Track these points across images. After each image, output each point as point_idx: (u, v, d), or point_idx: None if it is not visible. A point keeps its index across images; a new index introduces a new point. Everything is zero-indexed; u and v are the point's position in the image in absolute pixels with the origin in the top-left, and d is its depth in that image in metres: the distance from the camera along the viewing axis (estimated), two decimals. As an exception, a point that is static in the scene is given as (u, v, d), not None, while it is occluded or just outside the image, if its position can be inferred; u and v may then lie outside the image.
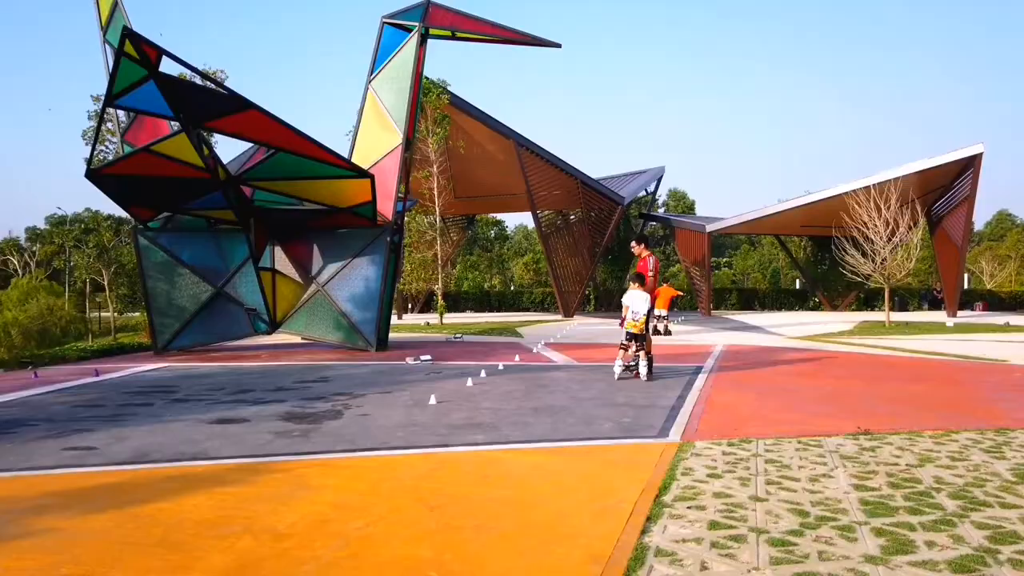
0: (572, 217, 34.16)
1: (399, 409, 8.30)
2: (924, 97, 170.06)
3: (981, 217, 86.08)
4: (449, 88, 26.03)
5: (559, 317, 31.58)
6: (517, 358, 13.85)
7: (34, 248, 64.32)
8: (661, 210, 66.95)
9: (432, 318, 27.64)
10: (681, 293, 32.24)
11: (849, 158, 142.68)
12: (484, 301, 42.64)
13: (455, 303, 42.16)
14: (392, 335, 21.80)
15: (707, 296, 35.30)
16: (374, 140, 16.11)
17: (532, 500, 4.97)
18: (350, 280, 15.77)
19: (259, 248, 15.40)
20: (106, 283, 31.35)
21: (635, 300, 10.54)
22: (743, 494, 4.98)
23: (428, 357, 13.42)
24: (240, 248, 15.56)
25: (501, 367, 12.31)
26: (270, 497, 5.04)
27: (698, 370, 11.98)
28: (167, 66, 11.33)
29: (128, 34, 10.65)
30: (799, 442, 6.66)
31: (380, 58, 16.43)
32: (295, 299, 16.19)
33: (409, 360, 13.16)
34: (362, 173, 13.99)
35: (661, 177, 41.71)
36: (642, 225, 44.82)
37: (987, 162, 29.52)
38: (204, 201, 14.44)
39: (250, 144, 16.22)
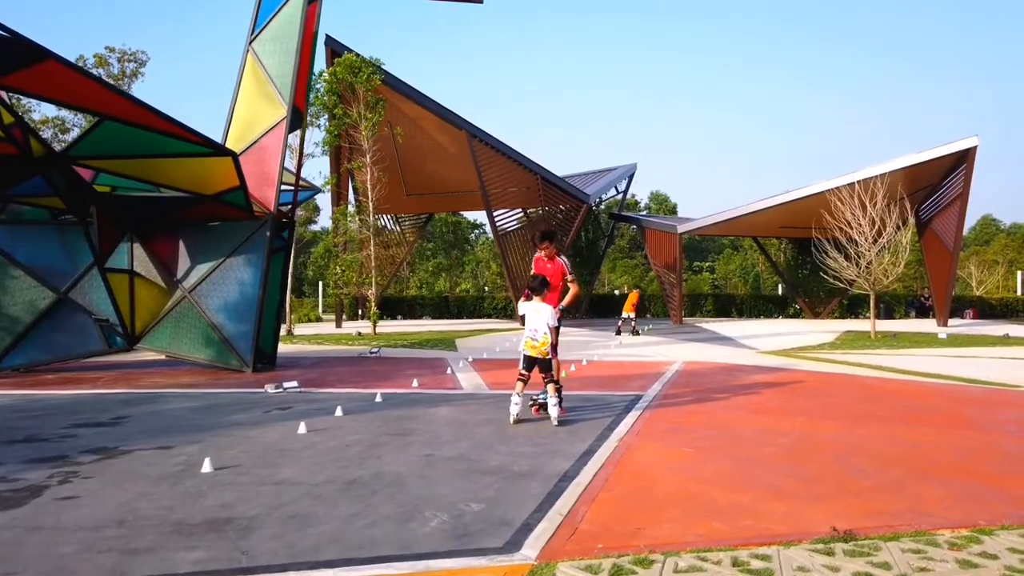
0: (534, 216, 31.49)
1: (139, 483, 5.44)
2: (908, 96, 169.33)
3: (966, 222, 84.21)
4: (383, 67, 23.08)
5: (515, 325, 28.82)
6: (415, 383, 11.05)
7: None
8: (643, 212, 64.44)
9: (368, 327, 24.71)
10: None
11: (841, 164, 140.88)
12: (443, 307, 39.75)
13: (411, 309, 39.27)
14: (311, 347, 19.02)
15: (679, 302, 32.61)
16: (254, 114, 13.19)
17: None
18: (222, 285, 12.89)
19: (107, 244, 12.52)
20: None
21: (533, 314, 7.77)
22: None
23: (294, 384, 10.56)
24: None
25: (379, 398, 9.50)
26: None
27: (635, 401, 9.30)
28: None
29: None
30: (735, 561, 3.94)
31: (262, 15, 13.48)
32: (158, 308, 13.28)
33: (268, 388, 10.31)
34: (220, 150, 11.14)
35: (632, 175, 39.14)
36: (613, 226, 42.12)
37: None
38: (26, 186, 11.54)
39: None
